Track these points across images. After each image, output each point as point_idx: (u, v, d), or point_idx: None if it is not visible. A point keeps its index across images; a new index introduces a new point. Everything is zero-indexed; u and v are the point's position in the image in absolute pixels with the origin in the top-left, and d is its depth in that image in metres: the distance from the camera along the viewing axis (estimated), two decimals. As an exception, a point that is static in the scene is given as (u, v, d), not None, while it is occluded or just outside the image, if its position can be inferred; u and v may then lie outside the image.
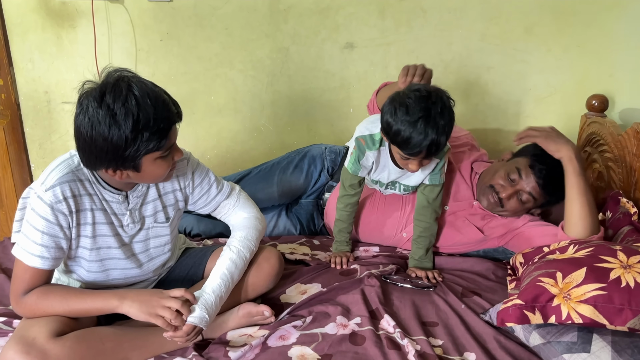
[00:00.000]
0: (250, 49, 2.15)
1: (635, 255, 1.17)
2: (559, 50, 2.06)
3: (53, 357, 1.08)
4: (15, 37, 2.16)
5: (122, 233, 1.25)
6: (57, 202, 1.13)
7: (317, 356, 1.20)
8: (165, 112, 1.09)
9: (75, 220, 1.18)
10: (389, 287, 1.49)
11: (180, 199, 1.34)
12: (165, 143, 1.11)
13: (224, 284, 1.26)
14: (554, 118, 2.13)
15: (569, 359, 1.11)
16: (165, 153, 1.14)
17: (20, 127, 2.28)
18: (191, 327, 1.18)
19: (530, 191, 1.57)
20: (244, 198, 1.45)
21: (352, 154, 1.56)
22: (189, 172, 1.33)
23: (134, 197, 1.25)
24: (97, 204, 1.20)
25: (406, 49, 2.11)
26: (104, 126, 1.05)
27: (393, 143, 1.40)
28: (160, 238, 1.32)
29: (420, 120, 1.31)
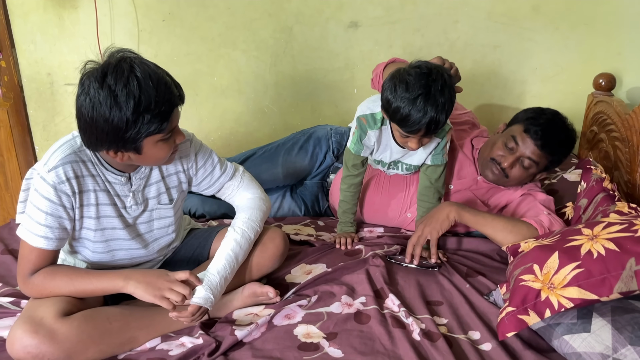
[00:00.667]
0: (254, 28, 2.13)
1: (598, 225, 1.19)
2: (566, 29, 2.03)
3: (61, 336, 1.10)
4: (17, 19, 2.14)
5: (125, 214, 1.26)
6: (60, 183, 1.13)
7: (323, 334, 1.21)
8: (167, 95, 1.08)
9: (78, 201, 1.18)
10: (393, 267, 1.49)
11: (183, 181, 1.34)
12: (167, 126, 1.10)
13: (229, 264, 1.27)
14: (561, 97, 2.12)
15: (570, 340, 1.11)
16: (166, 136, 1.12)
17: (23, 110, 2.28)
18: (196, 307, 1.19)
19: (530, 155, 1.56)
20: (248, 179, 1.44)
21: (354, 134, 1.55)
22: (192, 153, 1.33)
23: (137, 179, 1.25)
24: (100, 185, 1.20)
25: (411, 27, 2.09)
26: (105, 107, 1.04)
27: (392, 120, 1.39)
28: (164, 220, 1.33)
29: (419, 98, 1.29)
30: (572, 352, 1.10)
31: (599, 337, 1.08)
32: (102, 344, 1.15)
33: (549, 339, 1.17)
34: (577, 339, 1.10)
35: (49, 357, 1.09)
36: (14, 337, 1.09)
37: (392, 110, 1.34)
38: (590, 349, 1.07)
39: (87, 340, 1.12)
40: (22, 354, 1.08)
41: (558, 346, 1.14)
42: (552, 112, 1.61)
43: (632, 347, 1.04)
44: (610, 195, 1.44)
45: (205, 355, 1.14)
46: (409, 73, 1.32)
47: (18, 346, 1.08)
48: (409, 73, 1.32)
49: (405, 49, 2.12)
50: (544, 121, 1.56)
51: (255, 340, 1.20)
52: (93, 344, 1.13)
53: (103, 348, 1.15)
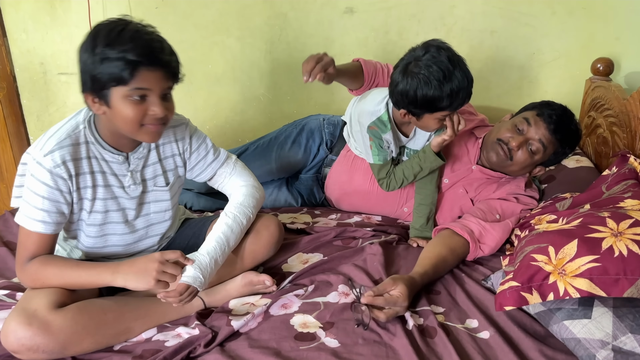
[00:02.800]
0: (248, 15, 2.10)
1: (625, 221, 1.16)
2: (564, 13, 2.01)
3: (55, 327, 1.09)
4: (8, 7, 2.11)
5: (124, 195, 1.25)
6: (56, 167, 1.13)
7: (319, 324, 1.21)
8: (144, 45, 1.06)
9: (75, 184, 1.17)
10: (392, 255, 1.49)
11: (179, 165, 1.33)
12: (131, 80, 1.06)
13: (219, 247, 1.26)
14: (558, 83, 2.10)
15: (570, 325, 1.11)
16: (132, 93, 1.08)
17: (17, 100, 2.26)
18: (184, 286, 1.17)
19: (541, 138, 1.54)
20: (241, 166, 1.43)
21: (371, 147, 1.55)
22: (187, 136, 1.32)
23: (135, 159, 1.24)
24: (96, 166, 1.20)
25: (408, 13, 2.06)
26: (87, 42, 1.08)
27: (437, 110, 1.40)
28: (161, 203, 1.32)
29: (454, 69, 1.33)
30: (572, 338, 1.10)
31: (599, 324, 1.08)
32: (97, 335, 1.14)
33: (548, 323, 1.17)
34: (577, 325, 1.10)
35: (43, 349, 1.08)
36: (7, 329, 1.08)
37: (437, 99, 1.36)
38: (590, 335, 1.07)
39: (81, 332, 1.12)
40: (17, 345, 1.08)
41: (557, 331, 1.14)
42: (563, 105, 1.61)
43: (632, 335, 1.04)
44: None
45: (202, 346, 1.13)
46: (423, 67, 1.34)
47: (12, 338, 1.08)
48: (424, 62, 1.34)
49: (401, 34, 2.09)
50: (557, 108, 1.57)
51: (251, 331, 1.20)
52: (88, 335, 1.13)
53: (98, 339, 1.15)
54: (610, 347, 1.04)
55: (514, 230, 1.54)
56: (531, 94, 2.13)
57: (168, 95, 1.14)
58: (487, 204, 1.60)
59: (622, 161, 1.54)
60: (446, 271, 1.41)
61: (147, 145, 1.26)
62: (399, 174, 1.60)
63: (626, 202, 1.33)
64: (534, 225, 1.43)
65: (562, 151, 1.58)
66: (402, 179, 1.60)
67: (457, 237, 1.47)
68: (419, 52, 1.37)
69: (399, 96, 1.41)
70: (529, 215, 1.53)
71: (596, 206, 1.38)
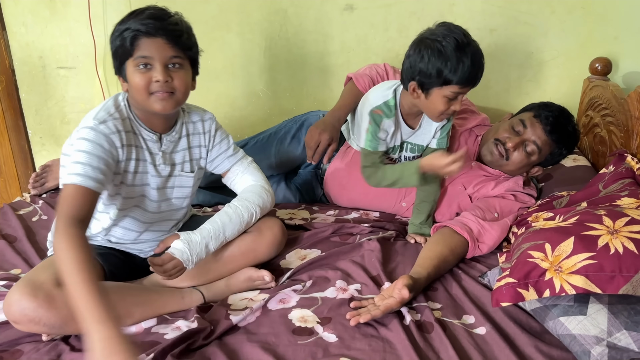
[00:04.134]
0: (248, 10, 2.10)
1: (621, 219, 1.17)
2: (563, 12, 2.02)
3: (59, 301, 1.09)
4: (8, 1, 2.10)
5: (154, 173, 1.30)
6: (112, 134, 1.18)
7: (317, 319, 1.21)
8: (147, 17, 1.15)
9: (125, 154, 1.22)
10: (389, 251, 1.50)
11: (203, 156, 1.40)
12: (132, 49, 1.15)
13: (213, 231, 1.29)
14: (557, 82, 2.11)
15: (565, 322, 1.12)
16: (138, 62, 1.16)
17: (16, 93, 2.25)
18: (169, 256, 1.21)
19: (536, 140, 1.56)
20: (255, 167, 1.48)
21: (367, 131, 1.51)
22: (213, 130, 1.40)
23: (167, 141, 1.30)
24: (136, 141, 1.26)
25: (407, 10, 2.07)
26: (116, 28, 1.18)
27: (446, 84, 1.35)
28: (183, 189, 1.37)
29: (469, 44, 1.33)
30: (567, 334, 1.11)
31: (594, 320, 1.09)
32: None
33: (543, 319, 1.18)
34: (573, 321, 1.11)
35: (45, 322, 1.09)
36: (11, 299, 1.08)
37: (449, 69, 1.33)
38: (585, 332, 1.08)
39: None
40: (19, 316, 1.08)
41: (553, 327, 1.15)
42: (561, 106, 1.61)
43: (627, 331, 1.05)
44: (637, 183, 1.43)
45: (201, 339, 1.14)
46: (439, 36, 1.33)
47: (15, 308, 1.08)
48: (439, 35, 1.34)
49: (401, 32, 2.10)
50: (555, 109, 1.58)
51: (250, 325, 1.20)
52: None
53: None
54: (605, 343, 1.05)
55: (511, 227, 1.55)
56: (530, 92, 2.14)
57: (176, 66, 1.19)
58: (486, 202, 1.61)
59: (619, 160, 1.55)
60: (447, 271, 1.42)
61: (179, 130, 1.32)
62: (382, 173, 1.53)
63: (623, 201, 1.34)
64: (531, 222, 1.44)
65: (558, 152, 1.59)
66: (382, 180, 1.53)
67: (456, 236, 1.48)
68: (434, 28, 1.38)
69: (410, 68, 1.38)
70: (526, 213, 1.54)
71: (593, 204, 1.39)
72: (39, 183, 1.84)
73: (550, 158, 1.61)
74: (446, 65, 1.33)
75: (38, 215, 1.70)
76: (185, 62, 1.21)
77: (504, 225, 1.54)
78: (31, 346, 1.14)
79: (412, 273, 1.33)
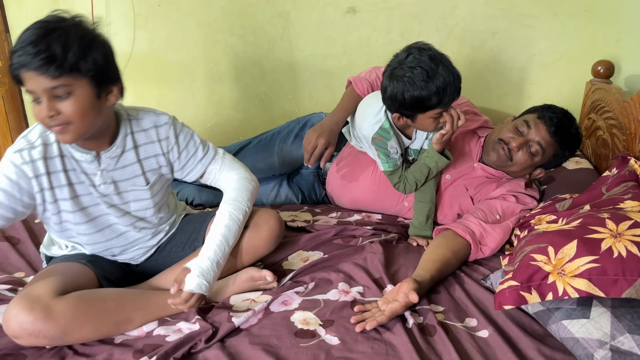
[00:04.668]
0: (250, 13, 2.11)
1: (624, 222, 1.17)
2: (565, 15, 2.02)
3: (57, 312, 1.10)
4: (11, 3, 2.12)
5: (96, 193, 1.24)
6: (23, 164, 1.13)
7: (319, 321, 1.21)
8: (32, 40, 1.02)
9: (48, 183, 1.16)
10: (392, 253, 1.50)
11: (163, 164, 1.31)
12: (21, 84, 1.06)
13: (219, 249, 1.27)
14: (559, 84, 2.11)
15: (568, 325, 1.12)
16: (31, 97, 1.07)
17: (19, 95, 2.26)
18: (189, 294, 1.19)
19: (540, 140, 1.56)
20: (230, 159, 1.41)
21: (379, 157, 1.56)
22: (172, 135, 1.30)
23: (107, 158, 1.22)
24: (69, 164, 1.20)
25: (410, 13, 2.07)
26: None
27: (428, 109, 1.39)
28: (141, 202, 1.31)
29: (437, 67, 1.34)
30: (570, 337, 1.11)
31: (597, 323, 1.09)
32: (97, 323, 1.15)
33: (546, 323, 1.18)
34: (576, 325, 1.11)
35: (44, 334, 1.09)
36: (9, 314, 1.09)
37: (425, 99, 1.36)
38: (588, 335, 1.08)
39: (82, 318, 1.13)
40: (18, 330, 1.08)
41: (555, 331, 1.15)
42: (564, 109, 1.62)
43: (630, 335, 1.05)
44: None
45: (202, 342, 1.14)
46: (407, 66, 1.35)
47: (14, 323, 1.08)
48: (407, 65, 1.35)
49: (403, 35, 2.10)
50: (558, 111, 1.59)
51: (252, 327, 1.20)
52: (88, 322, 1.14)
53: (98, 327, 1.16)
54: (608, 346, 1.05)
55: (513, 230, 1.55)
56: (532, 95, 2.14)
57: (63, 96, 1.06)
58: (488, 204, 1.61)
59: (623, 163, 1.55)
60: (449, 273, 1.42)
61: (121, 145, 1.23)
62: (410, 178, 1.59)
63: (626, 204, 1.34)
64: (534, 225, 1.44)
65: (561, 154, 1.59)
66: (415, 182, 1.59)
67: (459, 238, 1.48)
68: (402, 55, 1.38)
69: (389, 101, 1.43)
70: (529, 215, 1.54)
71: (596, 207, 1.39)
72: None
73: (552, 160, 1.61)
74: (421, 96, 1.36)
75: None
76: (74, 85, 1.06)
77: (506, 228, 1.54)
78: (34, 350, 1.14)
79: (415, 276, 1.33)
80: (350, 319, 1.21)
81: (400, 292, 1.24)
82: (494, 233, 1.51)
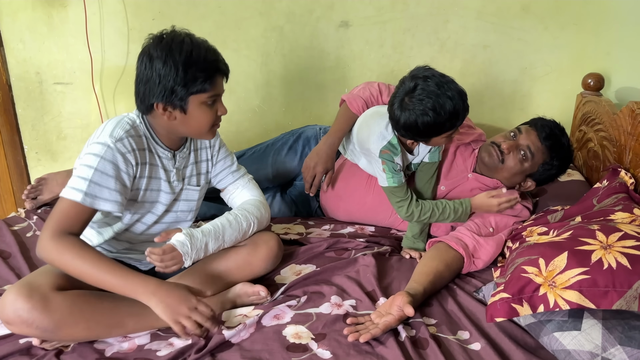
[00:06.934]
0: (244, 27, 2.12)
1: (614, 233, 1.17)
2: (556, 28, 2.04)
3: (54, 304, 1.11)
4: (5, 17, 2.12)
5: (168, 189, 1.32)
6: (128, 153, 1.20)
7: (311, 335, 1.21)
8: (215, 58, 1.22)
9: (139, 172, 1.25)
10: (385, 266, 1.49)
11: (209, 170, 1.44)
12: (210, 87, 1.20)
13: (214, 231, 1.31)
14: (550, 97, 2.13)
15: (560, 337, 1.12)
16: (210, 99, 1.22)
17: (12, 109, 2.26)
18: (170, 247, 1.22)
19: (530, 145, 1.58)
20: (254, 184, 1.51)
21: (385, 171, 1.55)
22: (217, 145, 1.44)
23: (180, 157, 1.34)
24: (151, 159, 1.28)
25: (402, 27, 2.09)
26: (159, 60, 1.16)
27: (442, 132, 1.42)
28: (189, 202, 1.40)
29: (446, 94, 1.37)
30: (562, 350, 1.11)
31: (589, 335, 1.09)
32: (91, 321, 1.16)
33: (538, 335, 1.18)
34: (567, 337, 1.11)
35: (38, 324, 1.09)
36: (6, 299, 1.09)
37: (440, 125, 1.39)
38: (579, 347, 1.08)
39: (77, 314, 1.13)
40: (13, 316, 1.08)
41: (547, 343, 1.15)
42: (555, 121, 1.64)
43: (621, 347, 1.05)
44: (630, 198, 1.45)
45: (193, 353, 1.13)
46: (417, 98, 1.37)
47: (9, 308, 1.08)
48: (416, 98, 1.37)
49: (395, 48, 2.12)
50: (550, 121, 1.62)
51: (243, 341, 1.20)
52: (83, 318, 1.14)
53: (91, 326, 1.16)
54: (600, 358, 1.05)
55: (506, 242, 1.55)
56: (523, 107, 2.15)
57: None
58: (481, 217, 1.62)
59: (613, 175, 1.56)
60: (442, 286, 1.42)
61: (189, 146, 1.36)
62: (428, 206, 1.58)
63: (617, 215, 1.35)
64: (525, 237, 1.44)
65: (550, 162, 1.60)
66: (423, 215, 1.57)
67: (452, 251, 1.48)
68: (408, 85, 1.40)
69: (403, 130, 1.45)
70: (521, 227, 1.54)
71: (587, 218, 1.39)
72: (33, 195, 1.84)
73: (542, 170, 1.61)
74: (435, 123, 1.39)
75: (32, 231, 1.69)
76: None
77: (499, 241, 1.54)
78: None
79: (408, 289, 1.33)
80: (344, 330, 1.20)
81: (394, 305, 1.24)
82: (487, 246, 1.51)
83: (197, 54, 1.18)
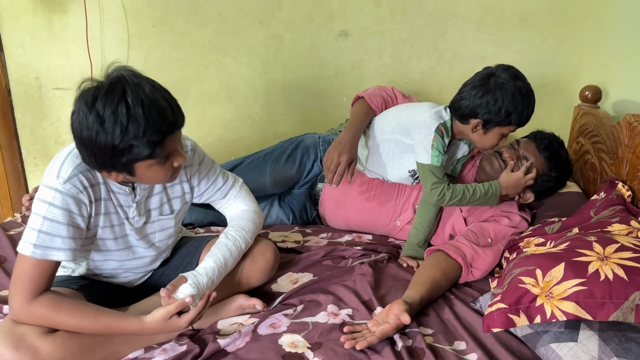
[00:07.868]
0: (244, 35, 2.13)
1: (611, 245, 1.18)
2: (554, 41, 2.05)
3: (44, 353, 1.07)
4: (6, 22, 2.13)
5: (128, 225, 1.23)
6: (80, 192, 1.10)
7: (307, 344, 1.20)
8: (159, 123, 1.02)
9: (94, 210, 1.15)
10: (381, 275, 1.49)
11: (187, 191, 1.32)
12: (159, 152, 1.06)
13: (217, 268, 1.26)
14: (548, 109, 2.13)
15: (556, 348, 1.12)
16: (161, 160, 1.08)
17: (11, 113, 2.26)
18: (182, 302, 1.15)
19: (528, 156, 1.60)
20: (246, 191, 1.45)
21: (433, 147, 1.52)
22: (195, 163, 1.31)
23: (141, 189, 1.21)
24: (106, 194, 1.17)
25: (401, 37, 2.10)
26: (93, 132, 1.01)
27: (508, 124, 1.50)
28: (166, 231, 1.31)
29: (531, 91, 1.51)
30: (557, 362, 1.11)
31: (585, 347, 1.08)
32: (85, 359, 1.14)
33: (535, 346, 1.17)
34: (564, 348, 1.10)
35: None
36: None
37: (518, 114, 1.48)
38: (576, 358, 1.08)
39: (69, 358, 1.10)
40: None
41: (544, 354, 1.14)
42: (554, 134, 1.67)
43: (617, 358, 1.04)
44: (627, 210, 1.45)
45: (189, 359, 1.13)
46: (507, 80, 1.48)
47: None
48: (507, 80, 1.48)
49: (394, 58, 2.13)
50: (549, 134, 1.65)
51: (239, 350, 1.19)
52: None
53: None
54: (596, 371, 1.05)
55: (503, 252, 1.56)
56: (521, 119, 2.16)
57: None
58: (480, 227, 1.62)
59: (611, 187, 1.57)
60: (439, 295, 1.42)
61: None
62: (459, 189, 1.55)
63: (614, 227, 1.35)
64: (523, 247, 1.44)
65: (549, 174, 1.60)
66: (462, 194, 1.54)
67: (450, 260, 1.48)
68: (496, 71, 1.50)
69: (479, 105, 1.48)
70: (518, 238, 1.55)
71: (584, 230, 1.40)
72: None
73: (540, 182, 1.62)
74: (516, 108, 1.47)
75: (29, 235, 1.68)
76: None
77: (497, 251, 1.54)
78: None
79: (405, 297, 1.32)
80: (340, 338, 1.20)
81: (391, 313, 1.24)
82: (485, 256, 1.51)
83: (134, 126, 1.00)
